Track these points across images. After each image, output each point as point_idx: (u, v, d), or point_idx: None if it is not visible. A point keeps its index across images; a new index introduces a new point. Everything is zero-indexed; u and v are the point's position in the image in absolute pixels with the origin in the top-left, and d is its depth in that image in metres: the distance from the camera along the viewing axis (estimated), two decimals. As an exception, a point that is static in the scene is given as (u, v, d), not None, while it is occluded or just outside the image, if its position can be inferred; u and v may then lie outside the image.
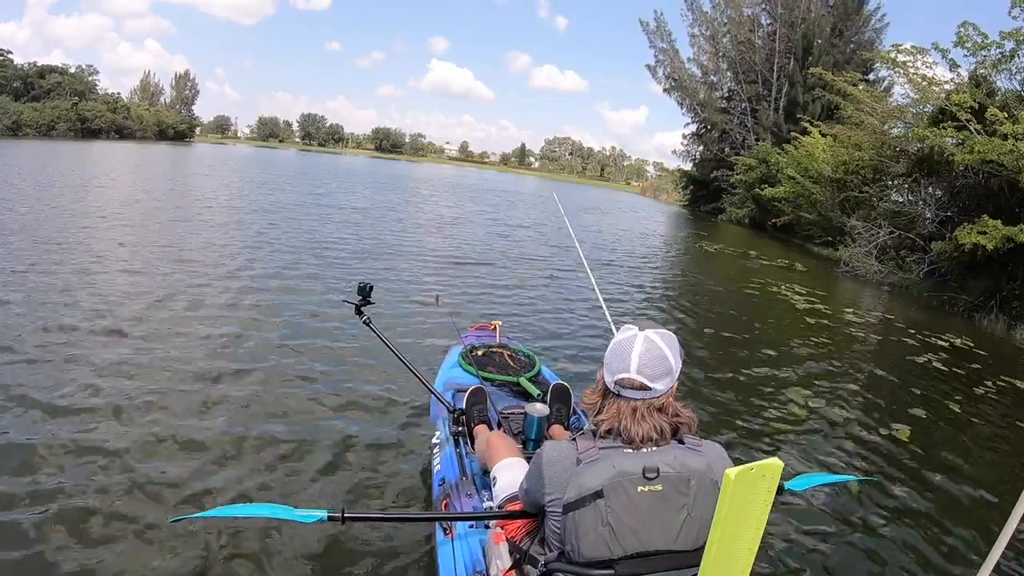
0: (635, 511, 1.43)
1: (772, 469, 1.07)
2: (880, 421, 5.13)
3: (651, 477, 1.43)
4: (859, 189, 16.91)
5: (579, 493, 1.45)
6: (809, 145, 20.69)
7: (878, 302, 12.17)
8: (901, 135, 14.41)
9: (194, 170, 27.00)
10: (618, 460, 1.45)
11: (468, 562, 2.04)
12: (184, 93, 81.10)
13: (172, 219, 11.50)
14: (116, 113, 53.98)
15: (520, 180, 65.16)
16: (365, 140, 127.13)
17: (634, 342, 1.51)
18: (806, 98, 29.12)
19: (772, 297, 10.64)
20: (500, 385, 3.29)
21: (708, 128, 35.78)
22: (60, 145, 34.98)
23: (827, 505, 3.57)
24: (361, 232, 12.42)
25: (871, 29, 30.74)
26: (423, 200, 23.77)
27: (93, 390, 3.99)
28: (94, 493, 2.93)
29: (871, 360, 7.44)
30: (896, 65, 13.63)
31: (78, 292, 6.11)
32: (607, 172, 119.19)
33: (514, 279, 9.45)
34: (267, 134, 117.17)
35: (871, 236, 14.70)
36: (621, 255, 14.17)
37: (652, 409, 1.49)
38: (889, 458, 4.41)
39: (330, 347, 5.27)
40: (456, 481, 2.46)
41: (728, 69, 34.91)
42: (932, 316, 10.76)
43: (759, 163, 26.28)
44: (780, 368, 6.26)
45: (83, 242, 8.46)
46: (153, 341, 4.98)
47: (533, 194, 37.85)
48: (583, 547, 1.46)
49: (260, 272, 7.88)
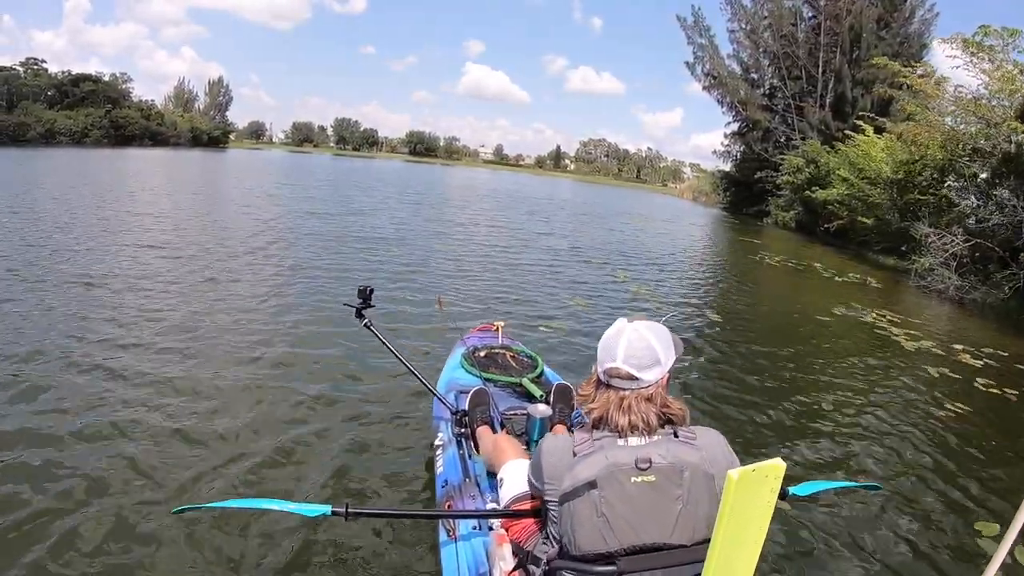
0: (629, 502, 1.46)
1: (775, 470, 1.07)
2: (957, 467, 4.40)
3: (644, 468, 1.46)
4: (925, 192, 15.38)
5: (574, 483, 1.49)
6: (865, 144, 19.21)
7: (958, 321, 10.73)
8: (980, 131, 12.87)
9: (212, 179, 26.74)
10: (611, 452, 1.49)
11: (471, 564, 2.04)
12: (218, 99, 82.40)
13: (181, 226, 10.94)
14: (150, 120, 54.92)
15: (556, 184, 64.15)
16: (399, 144, 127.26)
17: (621, 333, 1.58)
18: (855, 93, 27.48)
19: (835, 315, 9.32)
20: (503, 386, 3.27)
21: (750, 127, 34.13)
22: (90, 153, 35.40)
23: (833, 512, 3.46)
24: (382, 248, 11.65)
25: (918, 20, 28.89)
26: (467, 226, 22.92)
27: (101, 386, 4.12)
28: (97, 484, 3.02)
29: (905, 371, 6.76)
30: (981, 50, 12.11)
31: (99, 291, 6.52)
32: (643, 174, 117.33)
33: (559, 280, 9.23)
34: (301, 139, 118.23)
35: (944, 244, 13.18)
36: (661, 262, 13.44)
37: (640, 399, 1.53)
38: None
39: (330, 350, 5.31)
40: (459, 482, 2.48)
41: (770, 65, 33.32)
42: (1021, 338, 9.43)
43: (808, 163, 24.82)
44: (835, 391, 5.80)
45: (92, 248, 8.68)
46: (159, 340, 5.14)
47: (570, 203, 36.66)
48: (579, 538, 1.49)
49: (263, 278, 7.90)
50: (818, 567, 3.00)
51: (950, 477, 4.16)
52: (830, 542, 3.18)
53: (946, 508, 3.73)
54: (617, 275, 10.79)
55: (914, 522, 3.51)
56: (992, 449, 4.85)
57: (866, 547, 3.19)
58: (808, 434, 4.68)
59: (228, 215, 14.13)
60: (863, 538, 3.26)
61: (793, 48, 30.86)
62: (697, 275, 13.34)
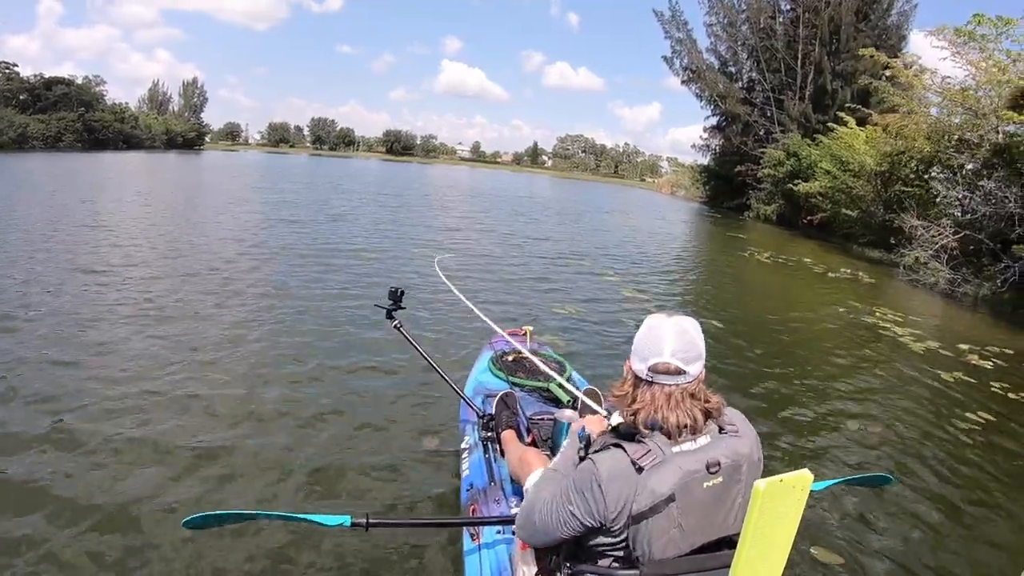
0: (702, 507, 1.43)
1: (803, 481, 1.04)
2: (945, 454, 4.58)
3: (714, 471, 1.42)
4: (911, 183, 15.26)
5: (652, 501, 1.41)
6: (847, 136, 19.10)
7: (956, 317, 10.62)
8: (967, 122, 12.75)
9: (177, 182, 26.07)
10: (682, 460, 1.43)
11: (495, 568, 2.03)
12: (192, 100, 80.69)
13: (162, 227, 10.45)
14: (124, 123, 53.90)
15: (535, 181, 63.74)
16: (376, 143, 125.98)
17: (666, 327, 1.52)
18: (835, 85, 27.45)
19: (836, 315, 9.14)
20: (530, 391, 3.29)
21: (729, 120, 34.03)
22: (64, 158, 34.32)
23: (851, 509, 3.46)
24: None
25: (897, 13, 28.89)
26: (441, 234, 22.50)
27: (119, 393, 4.12)
28: (113, 492, 3.02)
29: (927, 379, 6.51)
30: (972, 39, 11.98)
31: (111, 295, 6.62)
32: (621, 169, 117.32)
33: (549, 287, 9.14)
34: (277, 140, 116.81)
35: (933, 237, 13.05)
36: (651, 261, 13.15)
37: (686, 395, 1.49)
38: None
39: (360, 351, 5.36)
40: (484, 487, 2.48)
41: (748, 58, 33.22)
42: (1019, 333, 9.25)
43: (789, 156, 24.71)
44: (825, 379, 6.03)
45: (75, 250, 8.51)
46: (176, 347, 5.13)
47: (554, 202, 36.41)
48: (655, 551, 1.44)
49: (284, 280, 7.98)
50: (832, 564, 2.97)
51: (983, 491, 4.01)
52: (844, 538, 3.16)
53: (969, 515, 3.67)
54: (608, 276, 10.46)
55: (932, 526, 3.46)
56: (1017, 456, 4.67)
57: (875, 545, 3.19)
58: (821, 436, 4.59)
59: (223, 225, 13.66)
60: (872, 536, 3.25)
61: (771, 41, 30.73)
62: (689, 274, 13.12)
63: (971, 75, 12.64)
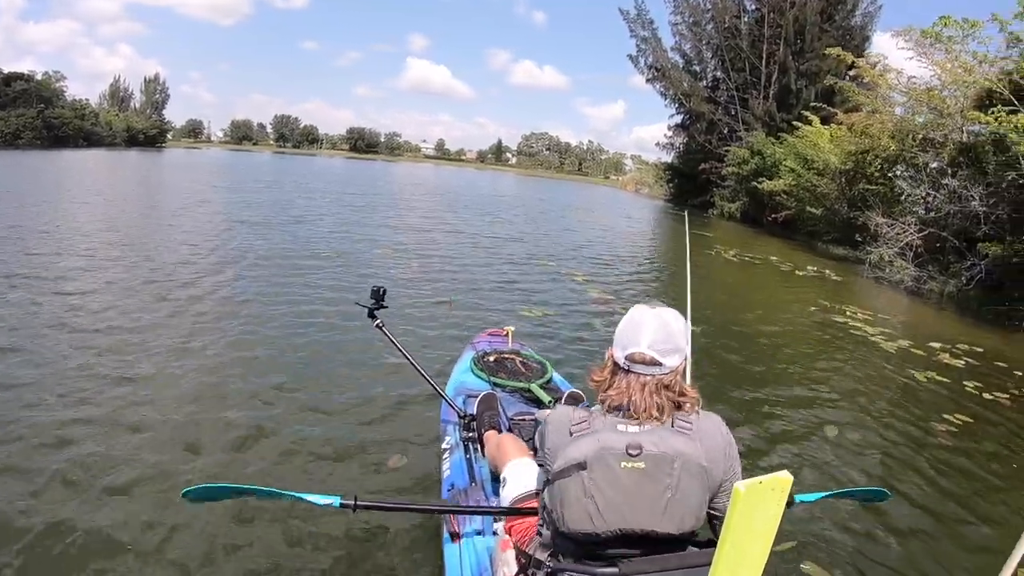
0: (618, 486, 1.45)
1: (782, 483, 1.04)
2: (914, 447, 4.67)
3: (634, 454, 1.44)
4: (875, 181, 15.36)
5: (565, 463, 1.47)
6: (812, 135, 19.22)
7: (924, 315, 10.64)
8: (931, 121, 12.86)
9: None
10: (604, 436, 1.47)
11: (475, 568, 2.04)
12: (154, 97, 78.22)
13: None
14: (84, 120, 52.28)
15: (500, 179, 63.47)
16: (340, 141, 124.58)
17: (645, 318, 1.54)
18: (799, 85, 27.74)
19: (805, 313, 9.07)
20: (511, 391, 3.25)
21: (694, 119, 34.21)
22: (23, 156, 32.49)
23: (837, 517, 3.41)
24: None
25: (861, 14, 29.32)
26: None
27: (54, 421, 3.78)
28: (108, 471, 3.13)
29: (902, 379, 6.47)
30: (939, 40, 12.06)
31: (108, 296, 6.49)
32: (585, 167, 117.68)
33: (517, 289, 8.90)
34: (240, 137, 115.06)
35: (898, 235, 13.12)
36: (619, 260, 13.04)
37: (660, 386, 1.51)
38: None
39: (341, 350, 5.30)
40: (465, 486, 2.49)
41: (713, 57, 33.39)
42: (985, 330, 9.31)
43: (753, 154, 24.86)
44: (801, 383, 5.90)
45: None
46: (122, 365, 4.74)
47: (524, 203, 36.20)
48: (568, 517, 1.49)
49: (249, 286, 7.59)
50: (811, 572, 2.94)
51: (957, 489, 4.04)
52: (833, 549, 3.14)
53: (956, 520, 3.64)
54: (576, 276, 10.18)
55: (922, 534, 3.42)
56: (998, 458, 4.66)
57: (868, 554, 3.14)
58: (802, 444, 4.49)
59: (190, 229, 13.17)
60: (865, 546, 3.22)
61: (736, 40, 30.93)
62: (657, 273, 12.89)
63: (936, 75, 12.75)
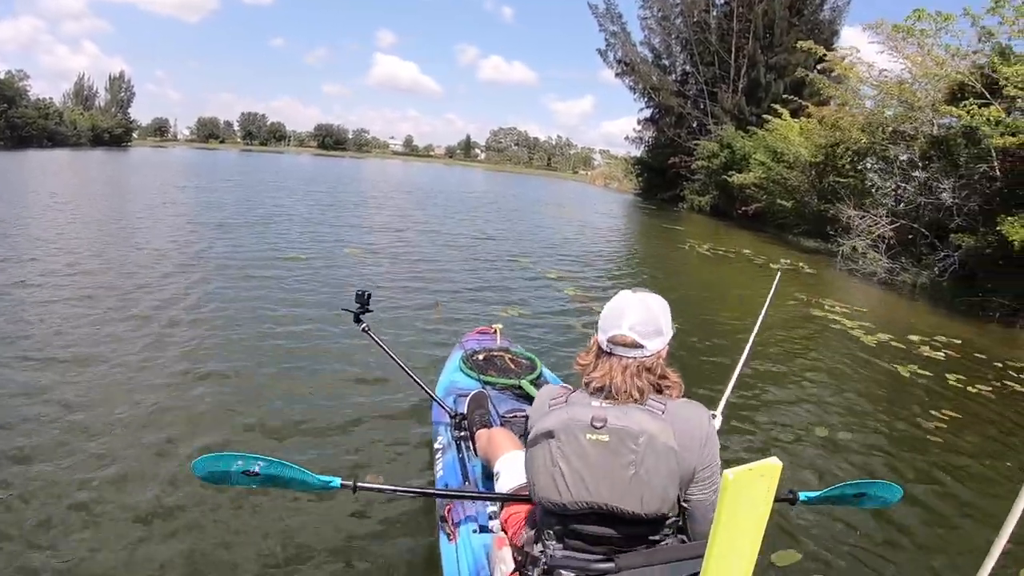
0: (583, 457, 1.48)
1: (771, 470, 1.05)
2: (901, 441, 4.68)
3: (598, 426, 1.47)
4: (846, 174, 15.41)
5: (538, 432, 1.55)
6: (782, 128, 19.28)
7: (898, 307, 10.64)
8: (901, 114, 12.92)
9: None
10: (574, 409, 1.53)
11: (472, 566, 2.05)
12: (119, 95, 76.81)
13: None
14: (48, 119, 51.49)
15: (469, 175, 63.00)
16: (308, 138, 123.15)
17: (627, 302, 1.60)
18: (768, 78, 27.88)
19: (784, 307, 8.91)
20: (502, 389, 3.27)
21: (663, 113, 34.25)
22: None
23: (826, 510, 3.35)
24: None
25: (829, 8, 29.58)
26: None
27: (70, 401, 3.90)
28: (114, 453, 3.26)
29: (888, 375, 6.44)
30: (911, 34, 12.09)
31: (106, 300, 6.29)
32: (554, 162, 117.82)
33: (491, 289, 8.64)
34: (207, 135, 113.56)
35: (870, 227, 13.18)
36: (593, 256, 12.93)
37: (642, 368, 1.55)
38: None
39: (327, 355, 5.20)
40: (458, 486, 2.48)
41: (682, 51, 33.43)
42: (960, 321, 9.37)
43: (723, 148, 24.93)
44: (788, 382, 5.79)
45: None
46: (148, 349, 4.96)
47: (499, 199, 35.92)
48: (538, 485, 1.56)
49: (223, 291, 7.21)
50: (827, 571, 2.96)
51: (954, 485, 4.03)
52: (836, 547, 3.13)
53: (951, 516, 3.64)
54: (550, 274, 9.92)
55: (921, 534, 3.40)
56: (986, 450, 4.65)
57: (871, 551, 3.14)
58: (794, 445, 4.44)
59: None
60: (867, 544, 3.21)
61: (705, 34, 30.98)
62: (632, 268, 12.72)
63: (907, 69, 12.82)
